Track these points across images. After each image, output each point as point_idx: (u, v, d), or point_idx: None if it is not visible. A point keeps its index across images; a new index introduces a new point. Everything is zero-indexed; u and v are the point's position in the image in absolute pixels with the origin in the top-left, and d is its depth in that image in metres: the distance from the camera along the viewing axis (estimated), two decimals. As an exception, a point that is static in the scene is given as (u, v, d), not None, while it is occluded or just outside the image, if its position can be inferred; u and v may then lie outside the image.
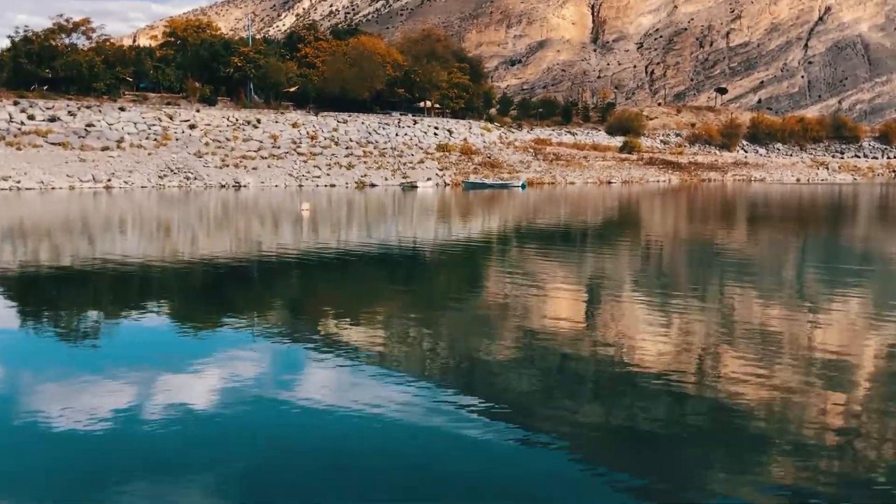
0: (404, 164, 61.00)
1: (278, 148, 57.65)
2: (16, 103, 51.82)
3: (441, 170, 61.91)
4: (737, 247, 20.09)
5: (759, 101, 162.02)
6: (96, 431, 6.43)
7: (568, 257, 17.55)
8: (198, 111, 59.17)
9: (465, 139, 69.19)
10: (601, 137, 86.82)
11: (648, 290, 12.96)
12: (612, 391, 7.63)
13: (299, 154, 57.97)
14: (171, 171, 51.56)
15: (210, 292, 13.10)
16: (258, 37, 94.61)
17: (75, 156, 49.60)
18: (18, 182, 45.00)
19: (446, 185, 60.17)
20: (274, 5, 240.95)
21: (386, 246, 19.79)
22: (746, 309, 11.54)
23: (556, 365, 8.55)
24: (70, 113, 52.84)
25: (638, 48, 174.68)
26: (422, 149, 64.63)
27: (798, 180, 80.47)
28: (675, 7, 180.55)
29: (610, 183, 67.97)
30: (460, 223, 28.01)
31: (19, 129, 50.52)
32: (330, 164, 57.79)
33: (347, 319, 10.65)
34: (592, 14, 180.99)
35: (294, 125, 60.92)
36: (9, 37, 59.74)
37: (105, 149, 51.40)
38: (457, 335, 9.84)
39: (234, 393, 7.36)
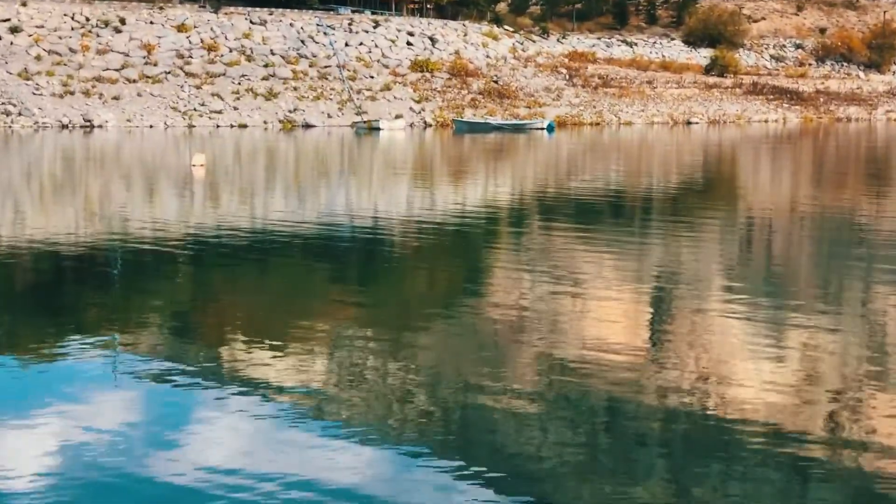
0: (359, 92, 60.89)
1: (154, 66, 57.39)
2: None
3: (419, 101, 61.90)
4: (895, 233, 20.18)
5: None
6: None
7: (620, 246, 17.57)
8: (23, 4, 58.63)
9: (456, 52, 69.20)
10: (675, 50, 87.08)
11: (750, 301, 12.97)
12: (692, 464, 7.59)
13: (189, 75, 57.74)
14: (-19, 101, 51.10)
15: (42, 297, 12.98)
16: None
17: None
18: None
19: (426, 125, 60.18)
20: None
21: (328, 225, 19.74)
22: (907, 330, 11.55)
23: (601, 422, 8.51)
24: None
25: None
26: (387, 67, 64.57)
27: None
28: None
29: (689, 123, 68.25)
30: (448, 188, 27.98)
31: None
32: (238, 92, 57.63)
33: (264, 344, 10.58)
34: None
35: (181, 28, 60.65)
36: None
37: None
38: (441, 372, 9.79)
39: (83, 460, 7.26)
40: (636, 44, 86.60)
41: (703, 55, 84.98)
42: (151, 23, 60.36)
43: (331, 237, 18.40)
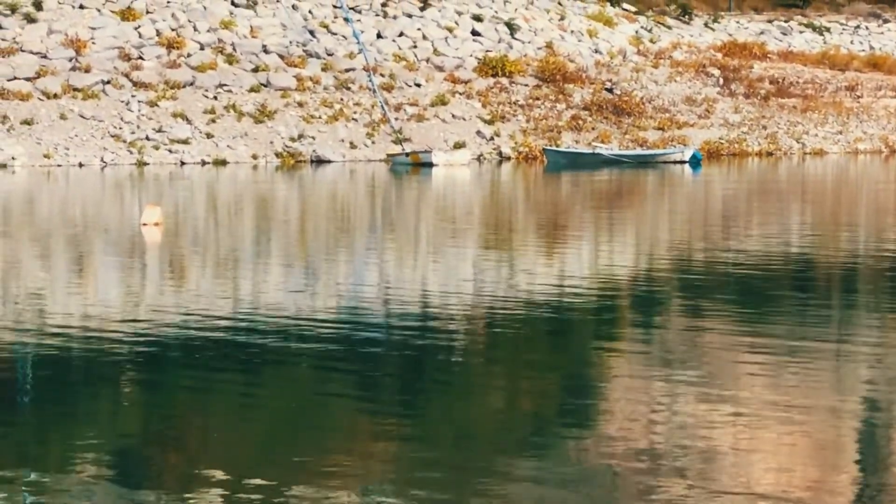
0: (398, 109, 61.18)
1: (86, 72, 58.12)
2: None
3: (491, 122, 62.03)
4: None
5: None
6: None
7: (808, 346, 17.38)
8: None
9: (548, 45, 69.48)
10: (889, 39, 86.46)
11: None
12: None
13: (139, 86, 58.40)
14: None
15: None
16: None
17: None
18: None
19: (503, 158, 60.17)
20: None
21: (352, 315, 19.73)
22: None
23: None
24: None
25: None
26: (442, 70, 64.93)
27: None
28: None
29: (918, 153, 67.59)
30: (537, 257, 27.89)
31: None
32: (214, 111, 58.19)
33: (254, 506, 10.59)
34: None
35: (126, 15, 61.49)
36: None
37: None
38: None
39: None
40: (828, 29, 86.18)
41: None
42: (82, 7, 61.19)
43: (355, 338, 18.32)
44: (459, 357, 17.28)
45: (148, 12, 61.92)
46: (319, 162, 56.43)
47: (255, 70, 60.85)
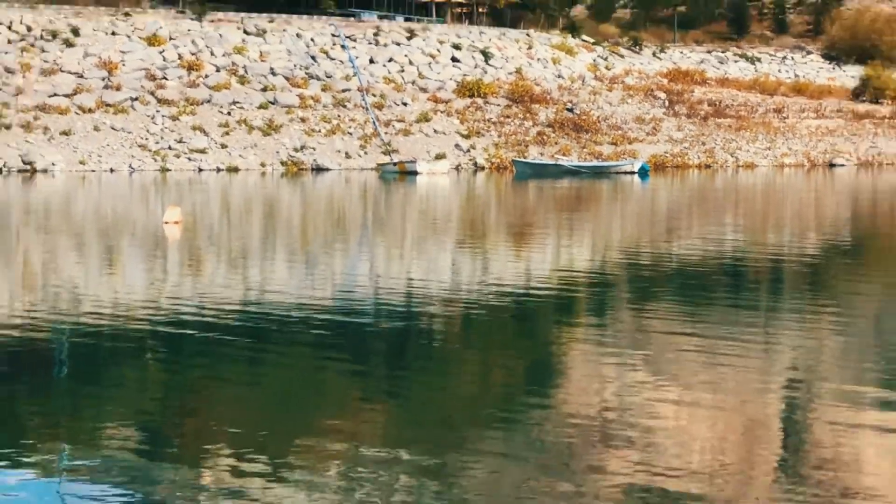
0: (387, 124, 61.27)
1: (117, 90, 58.12)
2: None
3: (468, 136, 62.14)
4: None
5: None
6: None
7: (739, 333, 17.35)
8: (-52, 10, 59.71)
9: (518, 71, 69.63)
10: (813, 68, 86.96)
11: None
12: None
13: (163, 103, 58.43)
14: None
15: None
16: None
17: None
18: None
19: (478, 168, 60.26)
20: None
21: (345, 304, 19.71)
22: None
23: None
24: None
25: None
26: (425, 91, 65.01)
27: None
28: None
29: (833, 166, 67.94)
30: (507, 254, 27.90)
31: None
32: (228, 125, 58.20)
33: (256, 472, 10.51)
34: None
35: (152, 41, 61.51)
36: None
37: None
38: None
39: None
40: (759, 59, 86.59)
41: (849, 74, 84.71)
42: (114, 34, 61.25)
43: (348, 322, 18.32)
44: (436, 345, 17.26)
45: (171, 38, 61.97)
46: (319, 170, 56.56)
47: (264, 90, 60.91)
